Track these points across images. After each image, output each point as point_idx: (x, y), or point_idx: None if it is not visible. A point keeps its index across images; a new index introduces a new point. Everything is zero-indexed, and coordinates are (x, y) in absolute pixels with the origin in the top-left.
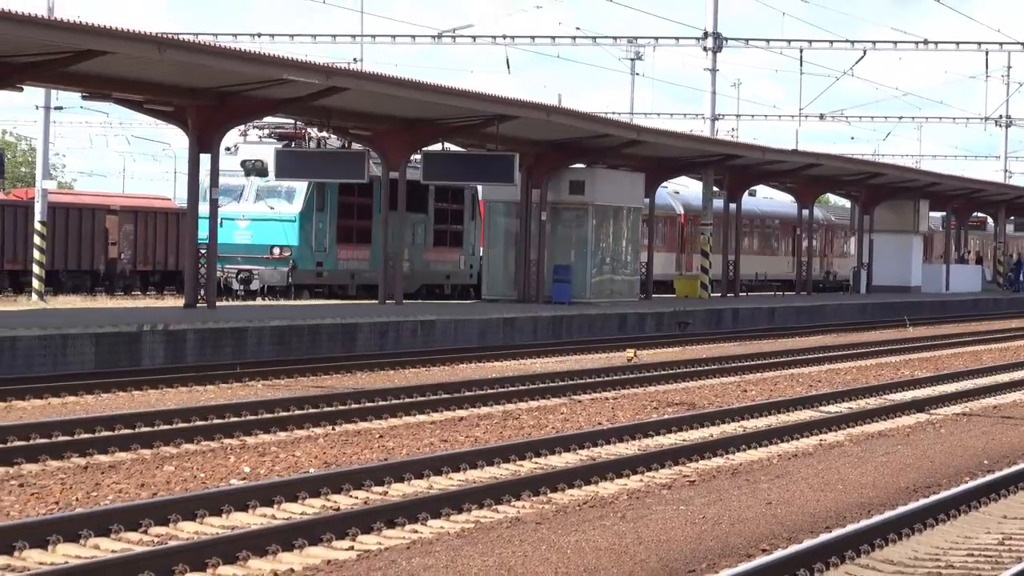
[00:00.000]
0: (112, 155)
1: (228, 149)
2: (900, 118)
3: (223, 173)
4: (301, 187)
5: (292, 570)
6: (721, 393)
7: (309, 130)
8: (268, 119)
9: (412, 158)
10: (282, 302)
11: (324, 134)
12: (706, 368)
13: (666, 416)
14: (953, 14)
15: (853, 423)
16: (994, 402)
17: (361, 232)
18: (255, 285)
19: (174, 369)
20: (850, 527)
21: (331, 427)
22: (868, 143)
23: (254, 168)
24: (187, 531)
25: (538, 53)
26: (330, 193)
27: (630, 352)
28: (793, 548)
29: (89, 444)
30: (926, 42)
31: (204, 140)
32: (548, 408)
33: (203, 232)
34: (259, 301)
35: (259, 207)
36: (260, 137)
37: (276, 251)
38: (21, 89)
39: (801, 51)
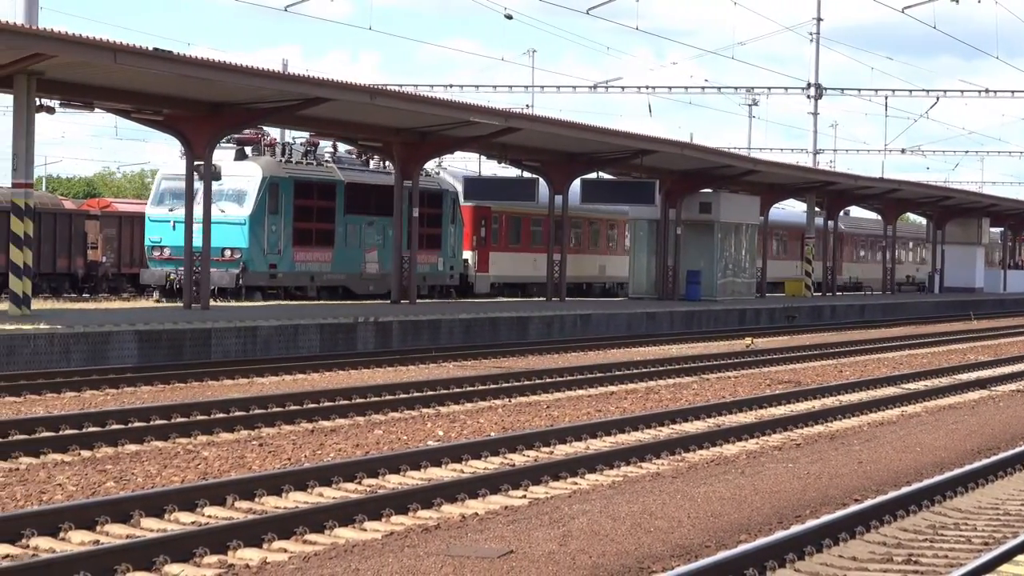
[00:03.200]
0: None
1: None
2: (966, 152)
3: (175, 178)
4: (252, 190)
5: (476, 514)
6: (821, 373)
7: (266, 135)
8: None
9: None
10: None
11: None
12: (809, 353)
13: (777, 391)
14: (1010, 68)
15: (928, 398)
16: None
17: (322, 234)
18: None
19: (382, 353)
20: (926, 481)
21: (508, 399)
22: (940, 172)
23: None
24: (392, 482)
25: (674, 100)
26: (284, 196)
27: (748, 340)
28: (880, 498)
29: (315, 412)
30: (988, 91)
31: (406, 171)
32: (682, 384)
33: (156, 234)
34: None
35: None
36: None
37: (227, 253)
38: (261, 130)
39: (886, 98)
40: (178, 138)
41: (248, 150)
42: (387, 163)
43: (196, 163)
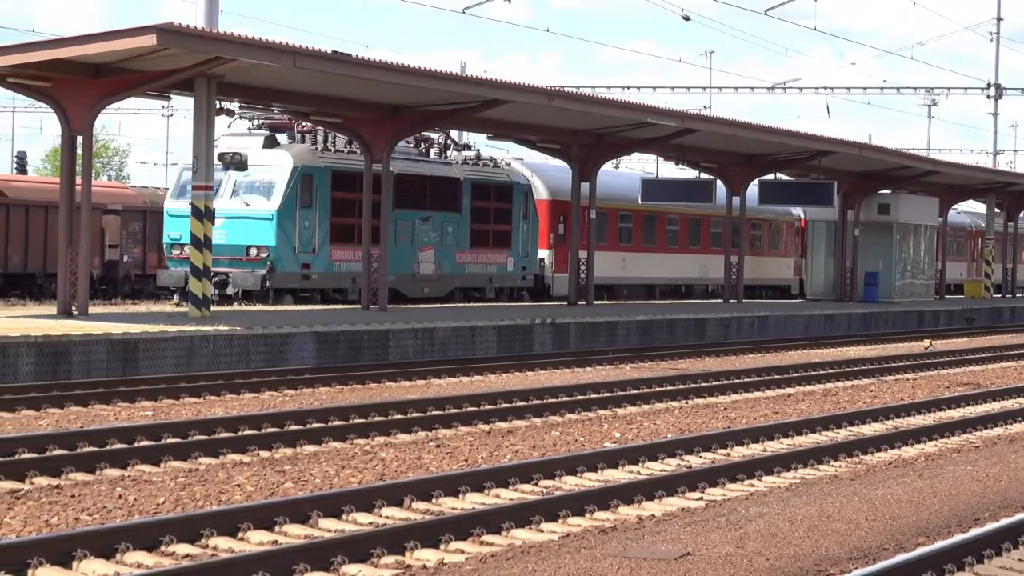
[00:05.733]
0: None
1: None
2: None
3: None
4: (281, 181)
5: (653, 515)
6: (1001, 375)
7: (305, 123)
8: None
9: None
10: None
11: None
12: (989, 355)
13: (956, 393)
14: None
15: None
16: None
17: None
18: (230, 289)
19: (559, 354)
20: None
21: (684, 401)
22: None
23: (233, 161)
24: (569, 483)
25: (852, 101)
26: (319, 188)
27: (926, 342)
28: None
29: (492, 414)
30: None
31: (584, 171)
32: (860, 386)
33: (175, 231)
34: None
35: (235, 203)
36: (249, 128)
37: (252, 252)
38: (439, 131)
39: None
40: (357, 140)
41: (281, 137)
42: (447, 154)
43: (221, 153)
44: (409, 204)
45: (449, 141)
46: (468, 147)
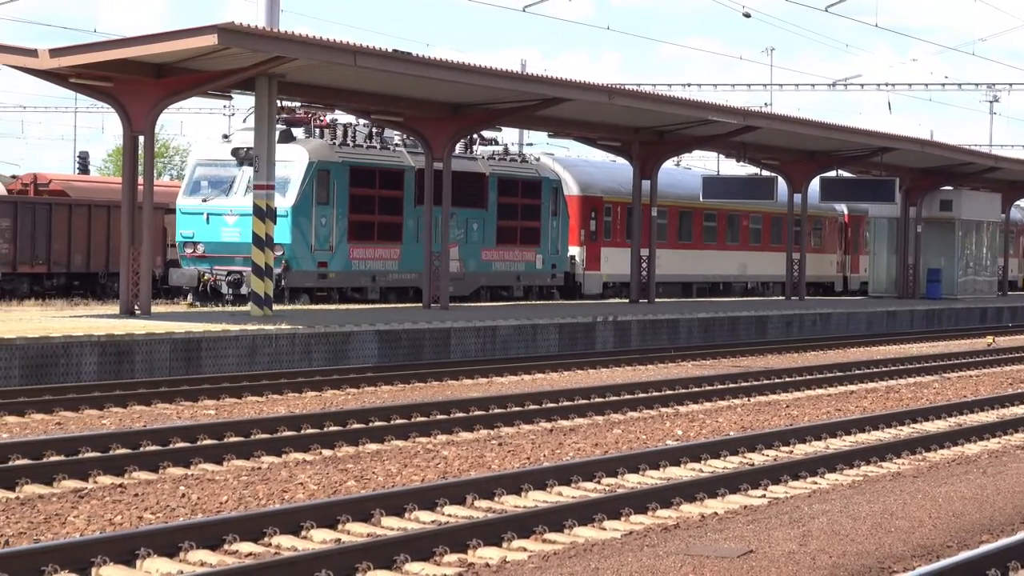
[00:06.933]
0: None
1: (225, 136)
2: None
3: (212, 164)
4: (296, 177)
5: (715, 513)
6: None
7: (323, 117)
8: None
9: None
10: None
11: (354, 121)
12: None
13: (1019, 390)
14: None
15: None
16: None
17: (386, 228)
18: (245, 289)
19: (621, 352)
20: None
21: (747, 399)
22: None
23: (247, 156)
24: (631, 481)
25: (914, 97)
26: (337, 184)
27: (990, 338)
28: None
29: (553, 412)
30: None
31: (645, 169)
32: (923, 384)
33: (188, 229)
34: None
35: (249, 200)
36: None
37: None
38: (500, 130)
39: None
40: (418, 139)
41: (297, 131)
42: (472, 148)
43: (235, 148)
44: (432, 200)
45: (474, 136)
46: (495, 142)
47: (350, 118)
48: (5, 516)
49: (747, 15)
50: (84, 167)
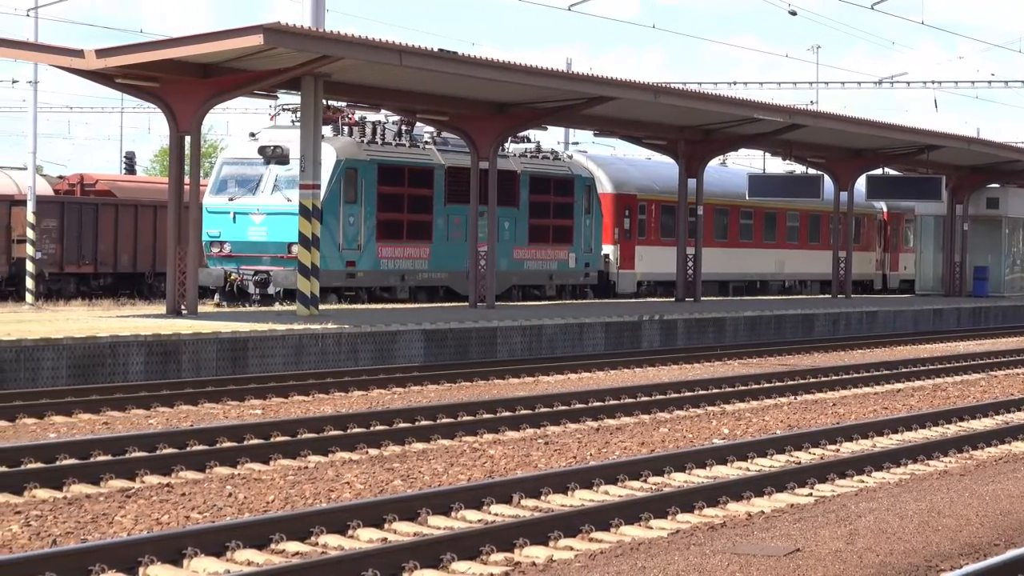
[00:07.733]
0: None
1: (253, 135)
2: None
3: (239, 162)
4: (324, 174)
5: (762, 512)
6: None
7: (352, 115)
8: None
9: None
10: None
11: (390, 117)
12: None
13: None
14: None
15: None
16: None
17: (416, 227)
18: (271, 288)
19: (667, 351)
20: None
21: (793, 397)
22: None
23: (274, 155)
24: (678, 480)
25: (961, 94)
26: (365, 182)
27: None
28: None
29: (600, 411)
30: None
31: (691, 167)
32: (970, 381)
33: (215, 228)
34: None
35: (276, 199)
36: (292, 120)
37: (294, 250)
38: (546, 129)
39: None
40: (463, 138)
41: (325, 129)
42: (503, 146)
43: (262, 146)
44: (462, 199)
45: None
46: (527, 139)
47: (379, 116)
48: (53, 516)
49: (793, 13)
50: (131, 167)
